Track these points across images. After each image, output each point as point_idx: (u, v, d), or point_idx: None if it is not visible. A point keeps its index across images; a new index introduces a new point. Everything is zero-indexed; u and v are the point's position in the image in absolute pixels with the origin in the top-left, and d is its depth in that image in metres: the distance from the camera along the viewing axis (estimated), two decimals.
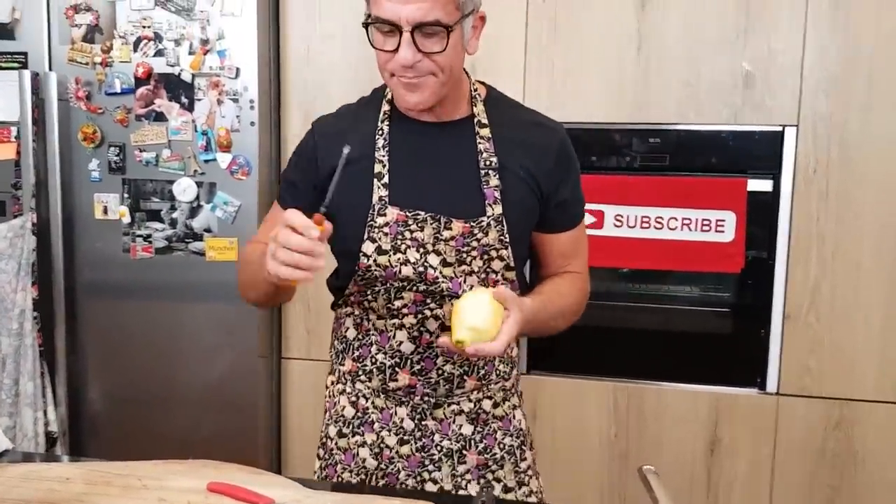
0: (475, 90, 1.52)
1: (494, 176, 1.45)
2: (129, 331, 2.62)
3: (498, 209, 1.43)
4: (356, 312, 1.54)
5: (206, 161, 2.51)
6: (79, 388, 2.65)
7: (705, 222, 2.40)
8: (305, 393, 2.70)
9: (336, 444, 1.59)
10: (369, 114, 1.52)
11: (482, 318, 1.29)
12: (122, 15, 2.50)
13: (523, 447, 1.61)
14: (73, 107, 2.55)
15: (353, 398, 1.57)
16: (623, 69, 2.43)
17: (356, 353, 1.55)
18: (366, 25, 1.38)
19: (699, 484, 2.49)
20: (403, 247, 1.43)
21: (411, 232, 1.43)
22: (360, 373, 1.55)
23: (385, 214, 1.43)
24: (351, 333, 1.56)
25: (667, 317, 2.58)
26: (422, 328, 1.48)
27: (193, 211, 2.53)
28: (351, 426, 1.58)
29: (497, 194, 1.44)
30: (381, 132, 1.48)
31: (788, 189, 2.37)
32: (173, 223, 2.55)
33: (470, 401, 1.53)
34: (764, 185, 2.39)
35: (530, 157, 1.47)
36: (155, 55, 2.50)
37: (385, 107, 1.51)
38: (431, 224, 1.43)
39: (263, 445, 2.64)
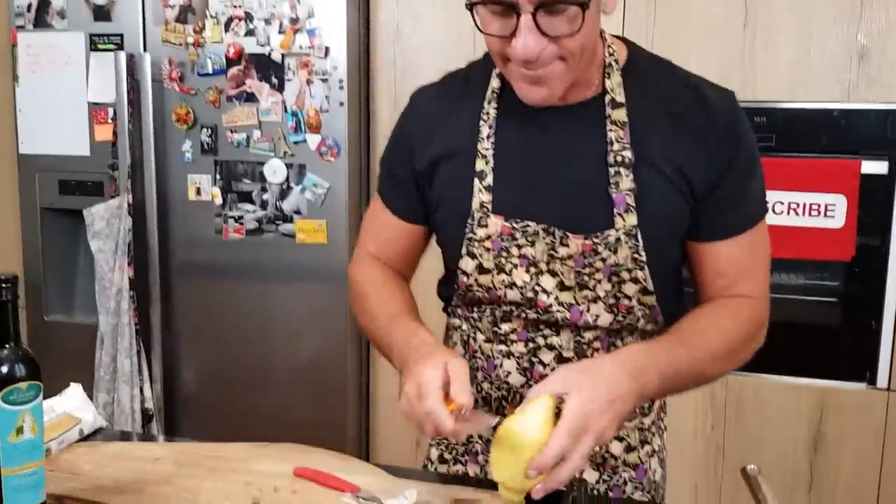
0: (611, 55, 1.17)
1: (628, 176, 1.12)
2: (220, 311, 2.65)
3: (631, 220, 1.12)
4: (464, 328, 1.29)
5: (296, 142, 2.49)
6: (173, 367, 2.70)
7: (814, 207, 2.27)
8: (395, 378, 2.68)
9: (436, 469, 1.38)
10: (476, 89, 1.22)
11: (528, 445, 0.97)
12: None
13: None
14: (167, 88, 2.57)
15: None
16: (728, 44, 2.30)
17: None
18: (470, 6, 1.06)
19: (801, 482, 2.38)
20: (509, 266, 1.17)
21: (519, 248, 1.16)
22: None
23: (486, 225, 1.17)
24: (458, 351, 1.32)
25: (771, 305, 2.45)
26: (533, 359, 1.21)
27: (283, 193, 2.52)
28: (454, 453, 1.36)
29: (630, 200, 1.12)
30: (486, 117, 1.20)
31: None
32: (264, 205, 2.55)
33: None
34: (878, 168, 2.24)
35: (682, 144, 1.13)
36: (246, 35, 2.49)
37: (494, 82, 1.21)
38: (544, 238, 1.15)
39: (352, 429, 2.63)
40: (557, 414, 0.98)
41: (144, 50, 2.57)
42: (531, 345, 1.21)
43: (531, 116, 1.17)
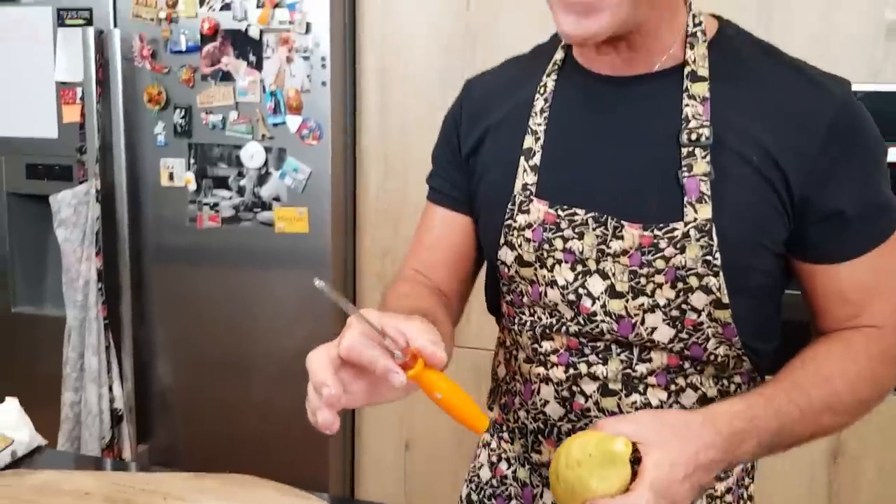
0: (698, 24, 1.00)
1: (704, 158, 0.93)
2: (196, 302, 2.49)
3: (705, 211, 0.93)
4: (507, 343, 1.13)
5: (275, 125, 2.32)
6: (146, 363, 2.54)
7: None
8: None
9: None
10: (539, 65, 1.07)
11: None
12: None
13: None
14: (138, 66, 2.40)
15: (495, 458, 1.18)
16: (742, 19, 2.10)
17: (503, 400, 1.16)
18: None
19: (819, 494, 2.20)
20: (551, 261, 1.00)
21: (565, 240, 0.98)
22: (504, 428, 1.16)
23: (528, 211, 1.00)
24: (501, 371, 1.17)
25: (795, 306, 2.28)
26: (574, 388, 1.03)
27: (262, 178, 2.35)
28: (482, 494, 1.19)
29: (705, 188, 0.93)
30: (542, 89, 1.04)
31: None
32: (241, 191, 2.38)
33: None
34: None
35: (778, 132, 0.93)
36: (222, 9, 2.32)
37: (558, 54, 1.06)
38: (595, 230, 0.97)
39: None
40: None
41: (114, 26, 2.40)
42: (572, 371, 1.02)
43: (594, 89, 1.01)
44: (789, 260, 0.99)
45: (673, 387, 1.00)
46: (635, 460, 0.82)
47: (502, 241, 1.03)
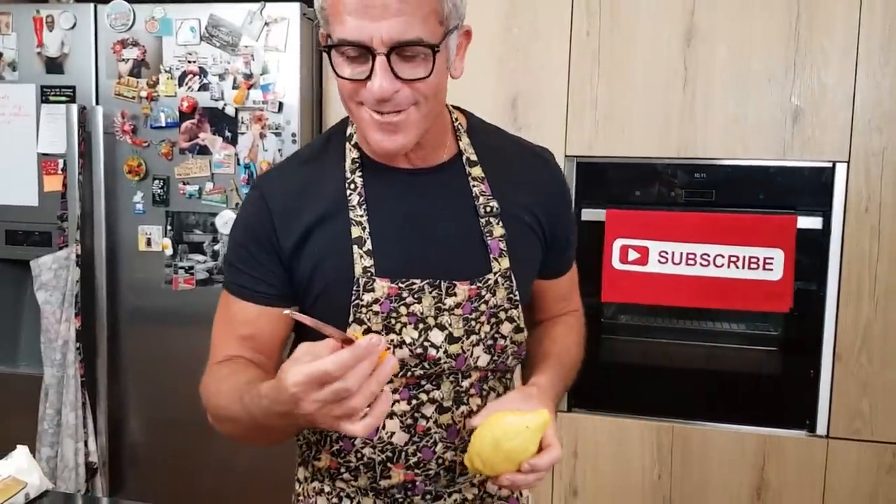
0: (456, 121, 1.27)
1: (498, 223, 1.22)
2: (170, 360, 2.62)
3: (505, 262, 1.21)
4: None
5: None
6: (119, 420, 2.66)
7: (753, 260, 2.35)
8: None
9: None
10: (333, 163, 1.23)
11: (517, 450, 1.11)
12: (168, 50, 2.52)
13: None
14: (119, 140, 2.57)
15: (336, 499, 1.28)
16: (669, 103, 2.39)
17: (335, 447, 1.25)
18: (327, 49, 1.09)
19: None
20: (398, 326, 1.17)
21: (407, 306, 1.17)
22: (343, 470, 1.25)
23: (373, 290, 1.16)
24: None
25: (712, 354, 2.53)
26: (416, 414, 1.20)
27: None
28: None
29: (503, 245, 1.22)
30: (353, 186, 1.20)
31: (839, 226, 2.31)
32: (215, 255, 2.55)
33: (473, 485, 1.28)
34: (814, 223, 2.33)
35: (530, 196, 1.27)
36: (200, 89, 2.52)
37: (352, 153, 1.23)
38: (431, 292, 1.18)
39: None
40: None
41: (97, 102, 2.58)
42: (414, 402, 1.20)
43: (397, 180, 1.21)
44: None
45: (483, 393, 1.26)
46: None
47: (351, 318, 1.16)
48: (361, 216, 1.18)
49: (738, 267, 2.36)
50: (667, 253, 2.40)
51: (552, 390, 1.24)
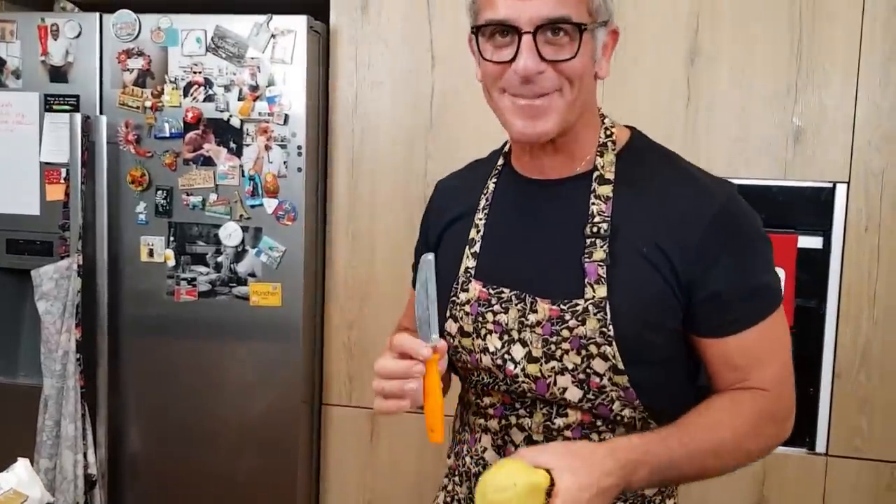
0: (609, 136, 1.20)
1: (602, 247, 1.12)
2: (170, 372, 2.62)
3: (601, 291, 1.10)
4: (464, 400, 1.32)
5: (253, 206, 2.51)
6: (118, 431, 2.65)
7: None
8: (345, 439, 2.67)
9: None
10: (484, 172, 1.30)
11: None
12: (173, 60, 2.52)
13: None
14: (123, 150, 2.57)
15: (449, 499, 1.33)
16: (671, 123, 2.42)
17: (456, 448, 1.34)
18: (475, 31, 1.12)
19: None
20: (484, 332, 1.18)
21: (494, 314, 1.17)
22: (455, 473, 1.32)
23: (468, 290, 1.20)
24: (456, 423, 1.35)
25: None
26: (506, 437, 1.20)
27: (238, 255, 2.53)
28: None
29: (602, 272, 1.11)
30: (485, 190, 1.26)
31: (839, 246, 2.34)
32: (218, 267, 2.55)
33: None
34: (814, 242, 2.36)
35: (667, 227, 1.11)
36: (205, 100, 2.52)
37: (500, 160, 1.28)
38: (516, 305, 1.16)
39: (302, 489, 2.61)
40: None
41: (101, 112, 2.57)
42: (504, 422, 1.20)
43: (523, 188, 1.23)
44: (686, 335, 1.16)
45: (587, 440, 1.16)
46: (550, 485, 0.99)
47: (448, 314, 1.22)
48: (481, 219, 1.24)
49: None
50: None
51: (630, 453, 1.04)
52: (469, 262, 1.22)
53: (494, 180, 1.26)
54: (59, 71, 2.59)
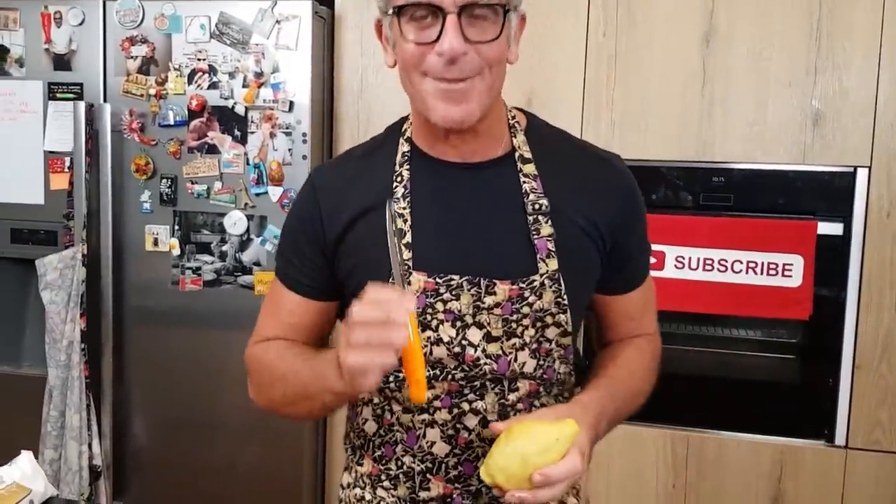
0: (513, 118, 1.25)
1: (546, 222, 1.17)
2: (175, 361, 2.59)
3: (553, 264, 1.16)
4: (375, 401, 1.24)
5: (258, 194, 2.47)
6: (124, 421, 2.62)
7: (772, 266, 2.30)
8: None
9: None
10: (384, 157, 1.24)
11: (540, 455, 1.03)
12: (177, 47, 2.49)
13: None
14: (127, 138, 2.54)
15: None
16: (686, 106, 2.35)
17: (377, 453, 1.25)
18: (396, 12, 1.09)
19: None
20: (435, 322, 1.15)
21: (444, 302, 1.15)
22: (384, 478, 1.25)
23: (409, 283, 1.15)
24: (370, 427, 1.26)
25: (728, 362, 2.48)
26: (458, 425, 1.18)
27: (243, 244, 2.50)
28: None
29: (551, 245, 1.16)
30: (399, 178, 1.20)
31: (860, 232, 2.27)
32: (223, 256, 2.52)
33: None
34: (834, 228, 2.29)
35: (589, 200, 1.20)
36: (209, 88, 2.48)
37: (404, 146, 1.23)
38: (469, 290, 1.15)
39: (308, 480, 2.58)
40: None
41: (105, 100, 2.54)
42: (456, 411, 1.18)
43: (443, 174, 1.20)
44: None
45: (533, 409, 1.21)
46: None
47: None
48: (405, 208, 1.18)
49: (756, 273, 2.31)
50: (683, 258, 2.36)
51: (596, 408, 1.14)
52: (405, 255, 1.16)
53: (407, 167, 1.21)
54: (62, 59, 2.56)
